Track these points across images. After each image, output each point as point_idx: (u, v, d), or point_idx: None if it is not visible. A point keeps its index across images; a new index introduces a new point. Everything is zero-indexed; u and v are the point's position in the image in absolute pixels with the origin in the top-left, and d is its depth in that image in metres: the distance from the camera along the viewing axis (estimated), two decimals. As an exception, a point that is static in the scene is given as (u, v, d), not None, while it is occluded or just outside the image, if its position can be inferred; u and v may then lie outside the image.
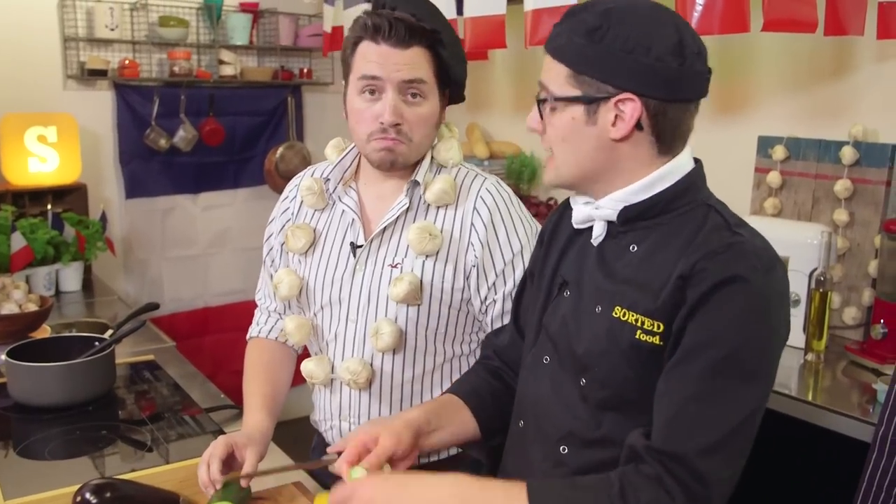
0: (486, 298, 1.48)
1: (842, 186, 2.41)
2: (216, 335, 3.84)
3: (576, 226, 1.21)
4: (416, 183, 1.49)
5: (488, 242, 1.46)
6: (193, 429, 1.71)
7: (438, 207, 1.48)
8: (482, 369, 1.41)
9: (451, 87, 1.49)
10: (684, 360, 1.03)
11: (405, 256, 1.48)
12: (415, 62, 1.40)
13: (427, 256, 1.47)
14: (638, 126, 1.08)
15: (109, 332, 1.90)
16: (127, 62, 3.37)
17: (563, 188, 1.19)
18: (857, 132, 2.40)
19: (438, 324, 1.50)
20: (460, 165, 1.54)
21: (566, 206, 1.29)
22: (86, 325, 2.52)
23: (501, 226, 1.47)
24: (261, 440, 1.44)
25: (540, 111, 1.14)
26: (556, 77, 1.10)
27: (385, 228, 1.50)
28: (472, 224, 1.47)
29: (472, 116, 3.82)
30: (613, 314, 1.11)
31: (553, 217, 1.34)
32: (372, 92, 1.42)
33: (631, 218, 1.13)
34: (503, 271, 1.47)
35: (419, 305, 1.47)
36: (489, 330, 1.51)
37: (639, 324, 1.08)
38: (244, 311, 3.87)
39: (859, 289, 2.36)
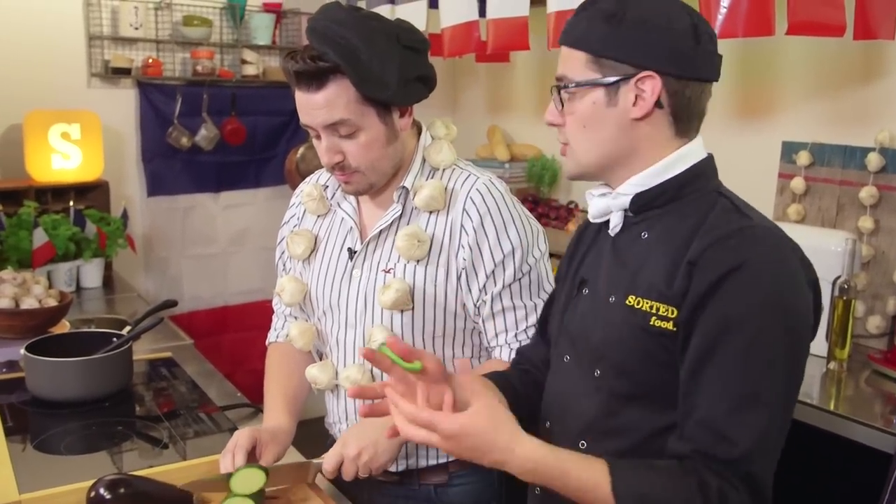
0: (477, 300, 1.47)
1: (867, 193, 2.38)
2: (235, 334, 3.86)
3: (593, 220, 1.21)
4: (406, 189, 1.48)
5: (478, 244, 1.44)
6: (209, 427, 1.71)
7: (430, 212, 1.47)
8: (511, 368, 1.40)
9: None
10: (705, 356, 1.02)
11: (398, 261, 1.48)
12: (331, 102, 1.35)
13: (418, 261, 1.46)
14: (658, 104, 1.09)
15: (127, 328, 1.91)
16: (150, 61, 3.40)
17: (584, 178, 1.19)
18: (884, 138, 2.36)
19: (435, 327, 1.50)
20: (454, 166, 1.52)
21: None
22: (104, 321, 2.54)
23: (492, 227, 1.45)
24: (283, 441, 1.46)
25: (561, 101, 1.14)
26: (576, 65, 1.11)
27: (380, 233, 1.50)
28: (461, 226, 1.45)
29: (494, 118, 3.82)
30: (627, 302, 1.10)
31: (581, 226, 1.34)
32: (316, 136, 1.42)
33: (643, 205, 1.13)
34: (493, 272, 1.45)
35: (413, 310, 1.47)
36: (483, 332, 1.51)
37: (653, 310, 1.07)
38: (263, 310, 3.89)
39: (884, 297, 2.33)
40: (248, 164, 3.79)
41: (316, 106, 1.36)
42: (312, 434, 1.83)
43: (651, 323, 1.07)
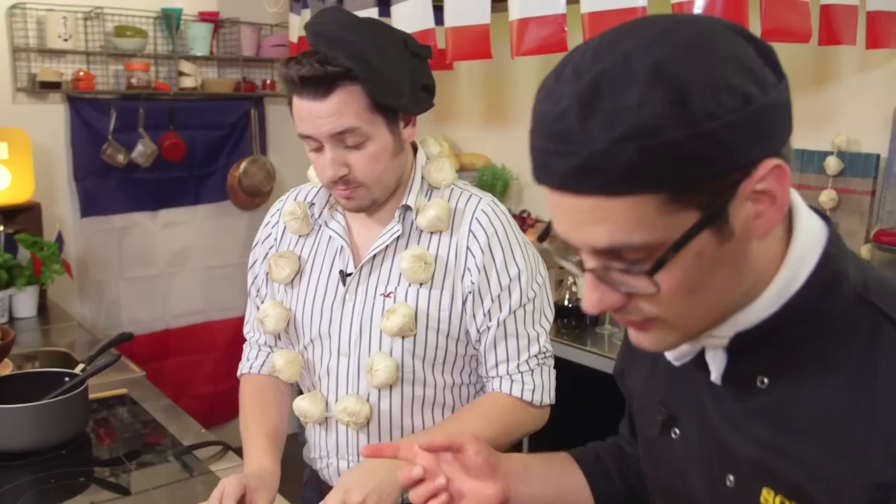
0: (481, 325, 1.40)
1: (827, 197, 2.40)
2: (178, 358, 3.66)
3: (676, 363, 0.82)
4: (408, 207, 1.40)
5: (485, 267, 1.38)
6: (180, 470, 1.59)
7: (432, 233, 1.40)
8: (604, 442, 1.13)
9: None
10: None
11: (398, 285, 1.39)
12: (339, 110, 1.27)
13: (421, 284, 1.38)
14: None
15: (81, 366, 1.76)
16: (81, 74, 3.20)
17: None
18: (841, 142, 2.39)
19: (436, 354, 1.42)
20: (453, 185, 1.45)
21: None
22: (47, 355, 2.38)
23: (499, 249, 1.39)
24: (271, 485, 1.36)
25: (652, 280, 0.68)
26: (640, 219, 0.65)
27: (375, 255, 1.41)
28: (468, 248, 1.38)
29: (440, 128, 3.75)
30: (762, 501, 0.76)
31: None
32: (316, 148, 1.33)
33: (751, 344, 0.76)
34: (499, 296, 1.39)
35: (415, 336, 1.39)
36: (483, 361, 1.44)
37: None
38: (206, 332, 3.79)
39: (849, 300, 2.34)
40: (187, 180, 3.61)
41: (323, 114, 1.27)
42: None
43: None
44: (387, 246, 1.40)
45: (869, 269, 0.76)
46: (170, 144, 3.45)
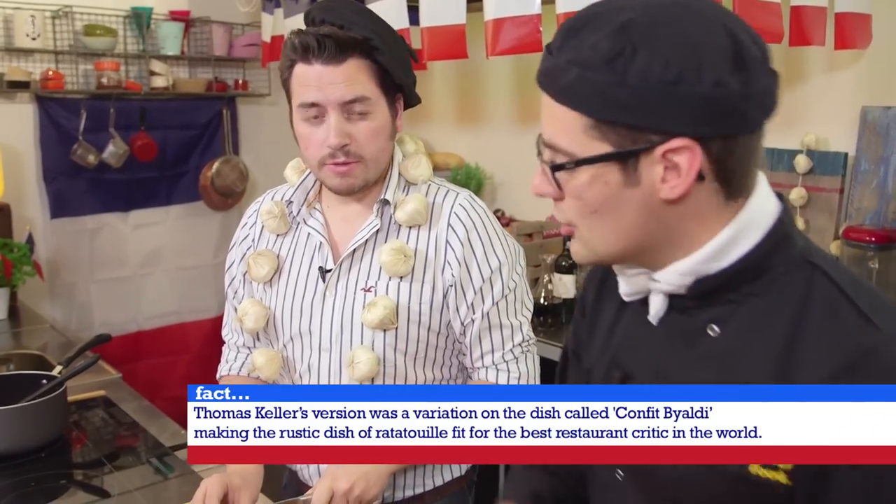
0: (464, 318, 1.42)
1: (797, 195, 2.45)
2: (151, 360, 3.62)
3: (626, 298, 0.93)
4: (386, 202, 1.41)
5: (465, 260, 1.40)
6: (161, 471, 1.58)
7: (411, 227, 1.42)
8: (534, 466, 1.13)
9: (402, 91, 1.41)
10: None
11: (378, 279, 1.41)
12: (352, 77, 1.31)
13: (402, 278, 1.40)
14: (699, 177, 0.79)
15: (58, 368, 1.74)
16: (50, 73, 3.16)
17: (602, 265, 0.96)
18: (811, 141, 2.44)
19: (418, 348, 1.43)
20: (429, 181, 1.47)
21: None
22: (20, 358, 2.34)
23: (478, 242, 1.41)
24: (254, 483, 1.36)
25: (556, 180, 0.83)
26: (570, 129, 0.79)
27: (355, 250, 1.42)
28: (447, 242, 1.40)
29: (412, 128, 3.75)
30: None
31: (595, 278, 1.05)
32: (316, 116, 1.34)
33: (707, 291, 0.84)
34: (481, 289, 1.41)
35: (396, 329, 1.40)
36: (468, 353, 1.45)
37: None
38: (179, 334, 3.76)
39: (819, 295, 2.39)
40: (158, 180, 3.57)
41: (336, 80, 1.30)
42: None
43: (750, 471, 0.79)
44: (366, 240, 1.42)
45: (812, 242, 0.87)
46: (141, 145, 3.41)
